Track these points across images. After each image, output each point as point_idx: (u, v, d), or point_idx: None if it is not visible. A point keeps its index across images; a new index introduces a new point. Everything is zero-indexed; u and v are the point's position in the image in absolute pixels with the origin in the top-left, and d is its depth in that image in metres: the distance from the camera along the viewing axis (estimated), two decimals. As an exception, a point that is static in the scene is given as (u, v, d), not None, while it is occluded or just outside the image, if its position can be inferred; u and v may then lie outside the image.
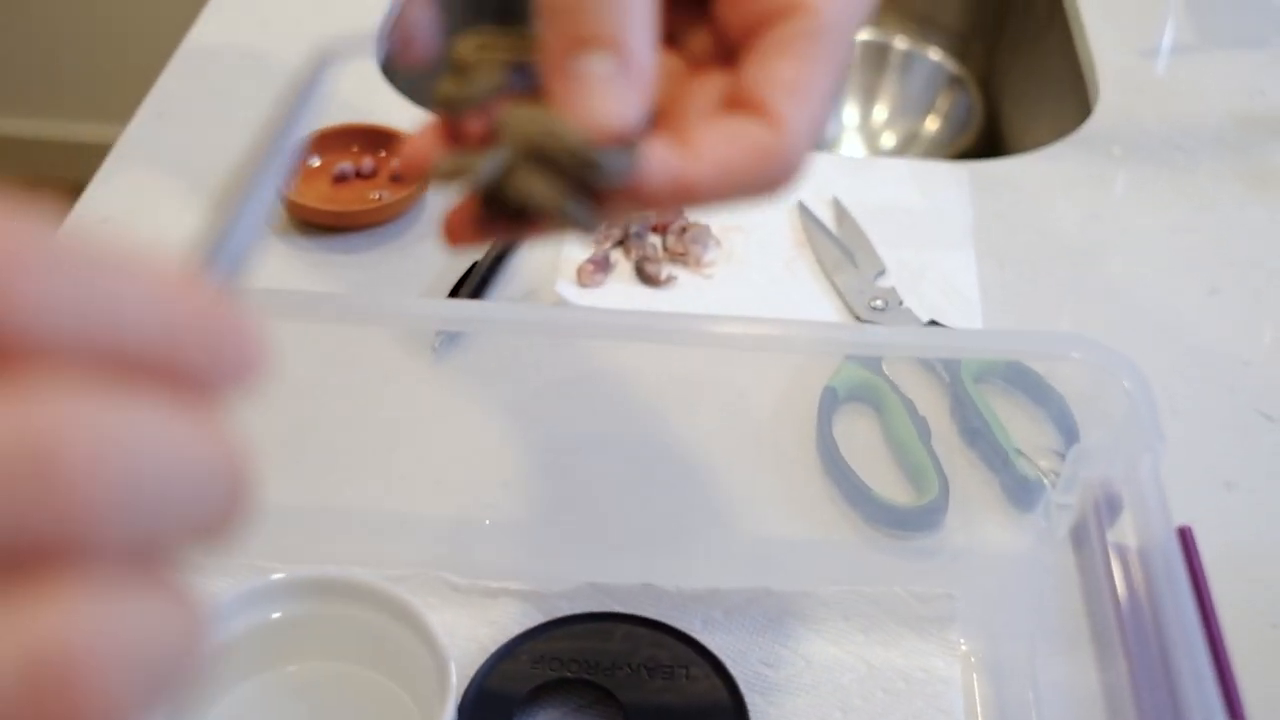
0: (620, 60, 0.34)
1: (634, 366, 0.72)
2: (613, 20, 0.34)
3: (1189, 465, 0.70)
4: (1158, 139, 0.95)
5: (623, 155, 0.34)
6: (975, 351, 0.60)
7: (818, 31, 0.37)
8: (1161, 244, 0.86)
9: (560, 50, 0.34)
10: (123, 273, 0.21)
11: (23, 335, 0.19)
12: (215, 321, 0.22)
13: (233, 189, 0.27)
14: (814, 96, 0.36)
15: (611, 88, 0.34)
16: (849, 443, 0.70)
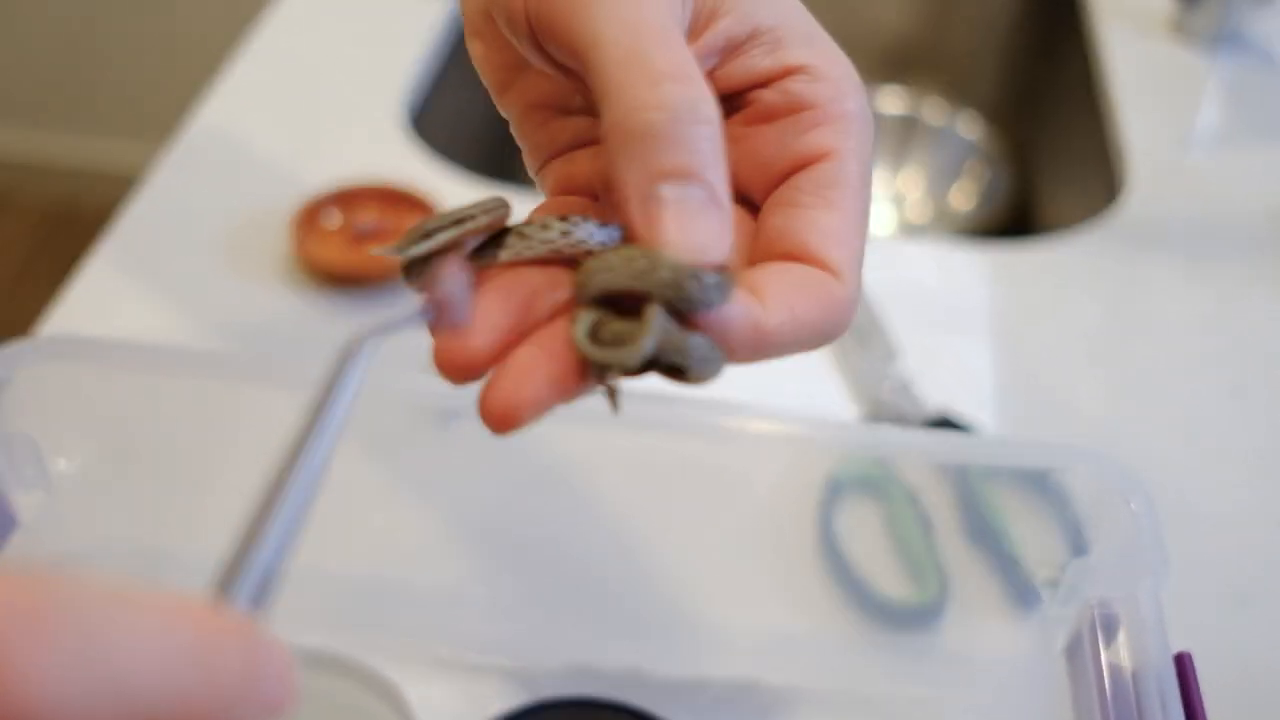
0: (708, 189, 0.33)
1: (636, 447, 0.71)
2: (699, 152, 0.33)
3: (1202, 576, 0.69)
4: (1186, 230, 0.94)
5: (723, 289, 0.33)
6: (976, 458, 0.59)
7: (851, 176, 0.37)
8: (1184, 340, 0.84)
9: (646, 181, 0.33)
10: (133, 632, 0.21)
11: (27, 704, 0.20)
12: (229, 665, 0.23)
13: (264, 501, 0.27)
14: (859, 241, 0.36)
15: (706, 215, 0.33)
16: (850, 534, 0.69)
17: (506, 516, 0.69)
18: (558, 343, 0.33)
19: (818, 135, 0.37)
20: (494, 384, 0.33)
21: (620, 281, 0.33)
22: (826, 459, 0.71)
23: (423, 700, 0.59)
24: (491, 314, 0.34)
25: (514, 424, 0.32)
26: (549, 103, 0.41)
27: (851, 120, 0.37)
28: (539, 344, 0.33)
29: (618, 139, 0.33)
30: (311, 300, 0.82)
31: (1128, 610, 0.49)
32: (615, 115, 0.33)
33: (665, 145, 0.32)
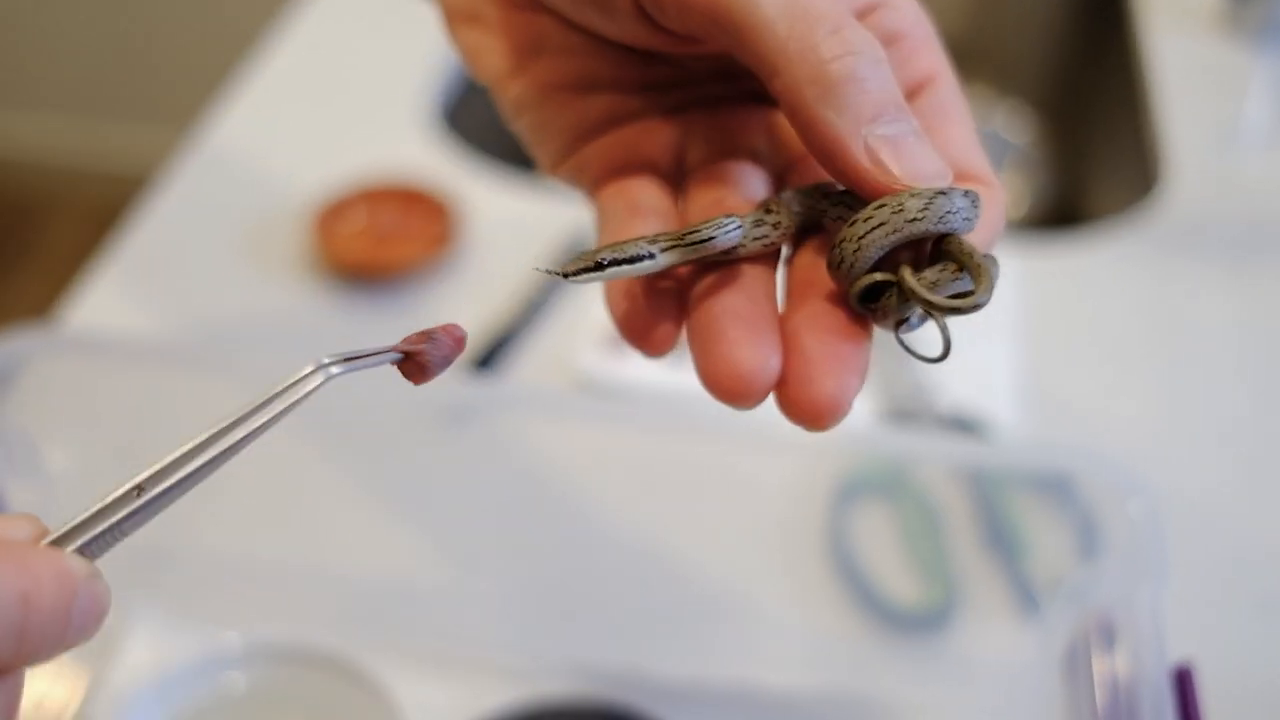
0: (912, 119, 0.33)
1: (648, 444, 0.71)
2: (894, 87, 0.33)
3: (1226, 580, 0.67)
4: (1222, 230, 0.92)
5: (971, 203, 0.33)
6: (978, 462, 0.57)
7: (958, 91, 0.38)
8: (1217, 342, 0.82)
9: (860, 126, 0.32)
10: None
11: None
12: (43, 589, 0.27)
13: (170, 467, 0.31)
14: (980, 143, 0.37)
15: (922, 144, 0.33)
16: (861, 535, 0.68)
17: (508, 516, 0.69)
18: (840, 321, 0.32)
19: (920, 61, 0.37)
20: (804, 382, 0.31)
21: (903, 232, 0.32)
22: (838, 461, 0.70)
23: (420, 699, 0.59)
24: (746, 328, 0.32)
25: (840, 414, 0.31)
26: (570, 82, 0.39)
27: (935, 38, 0.38)
28: (819, 329, 0.32)
29: (817, 94, 0.32)
30: (332, 297, 0.82)
31: (1126, 618, 0.48)
32: (806, 70, 0.32)
33: (868, 87, 0.32)
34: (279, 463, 0.70)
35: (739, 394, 0.31)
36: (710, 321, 0.32)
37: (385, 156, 0.93)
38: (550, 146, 0.40)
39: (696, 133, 0.39)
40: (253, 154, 0.95)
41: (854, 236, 0.32)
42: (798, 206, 0.35)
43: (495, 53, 0.40)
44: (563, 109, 0.39)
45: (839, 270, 0.32)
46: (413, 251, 0.83)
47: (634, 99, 0.39)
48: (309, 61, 1.06)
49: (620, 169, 0.39)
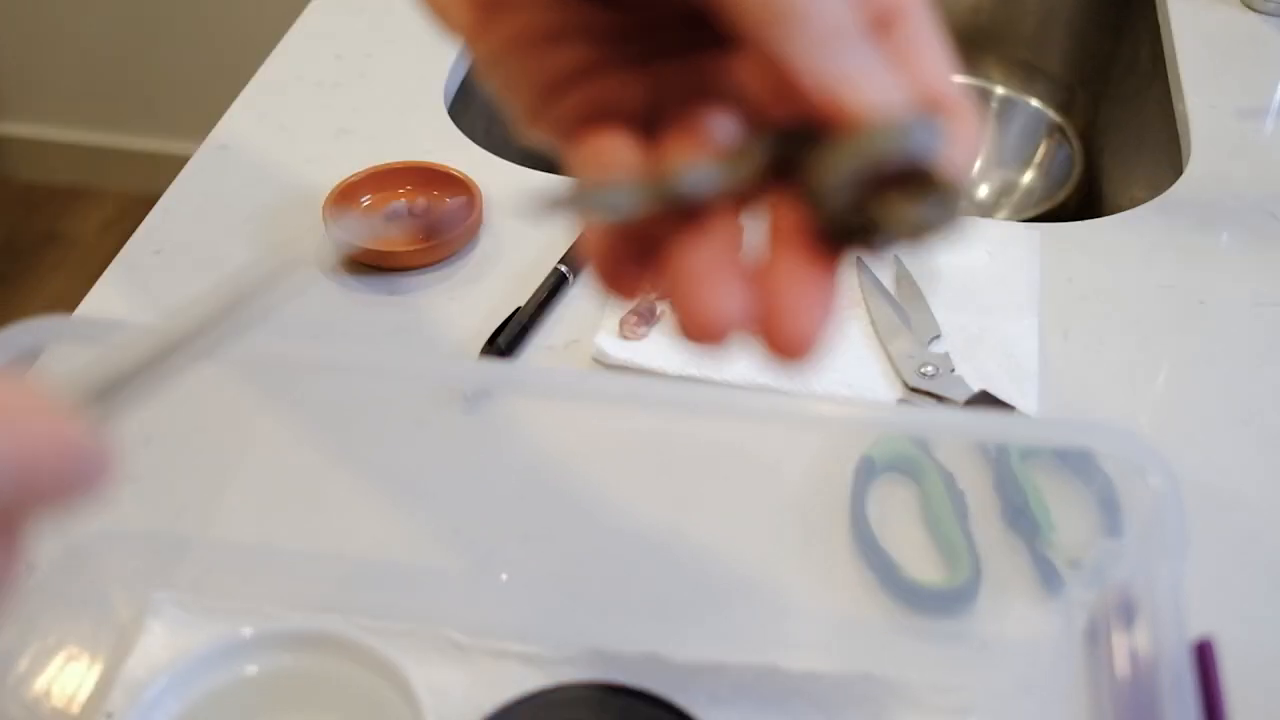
0: (871, 46, 0.33)
1: (665, 426, 0.70)
2: (847, 15, 0.33)
3: (1249, 557, 0.66)
4: (1248, 206, 0.91)
5: (933, 130, 0.33)
6: (999, 437, 0.57)
7: (930, 20, 0.37)
8: (1241, 318, 0.81)
9: (813, 58, 0.32)
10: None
11: None
12: (37, 433, 0.28)
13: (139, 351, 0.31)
14: (953, 74, 0.37)
15: (884, 71, 0.33)
16: (883, 515, 0.68)
17: (525, 500, 0.69)
18: (810, 254, 0.33)
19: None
20: (778, 317, 0.33)
21: (873, 161, 0.32)
22: (859, 440, 0.69)
23: (436, 685, 0.58)
24: (714, 272, 0.33)
25: (814, 346, 0.33)
26: (538, 33, 0.39)
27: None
28: (790, 263, 0.33)
29: (770, 24, 0.32)
30: (345, 282, 0.82)
31: (1145, 594, 0.47)
32: (761, 4, 0.32)
33: (825, 16, 0.32)
34: (292, 449, 0.71)
35: (709, 336, 0.33)
36: (680, 267, 0.34)
37: (400, 143, 0.93)
38: (523, 101, 0.40)
39: (669, 80, 0.38)
40: (267, 146, 0.95)
41: (824, 166, 0.32)
42: (767, 148, 0.34)
43: (461, 6, 0.39)
44: (533, 62, 0.39)
45: (810, 198, 0.33)
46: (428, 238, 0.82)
47: (604, 48, 0.38)
48: (322, 55, 1.06)
49: (594, 119, 0.38)
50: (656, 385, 0.65)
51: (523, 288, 0.80)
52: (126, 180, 2.57)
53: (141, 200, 0.96)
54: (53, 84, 2.53)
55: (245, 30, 2.27)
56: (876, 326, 0.79)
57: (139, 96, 2.53)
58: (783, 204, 0.34)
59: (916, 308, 0.80)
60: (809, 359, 0.33)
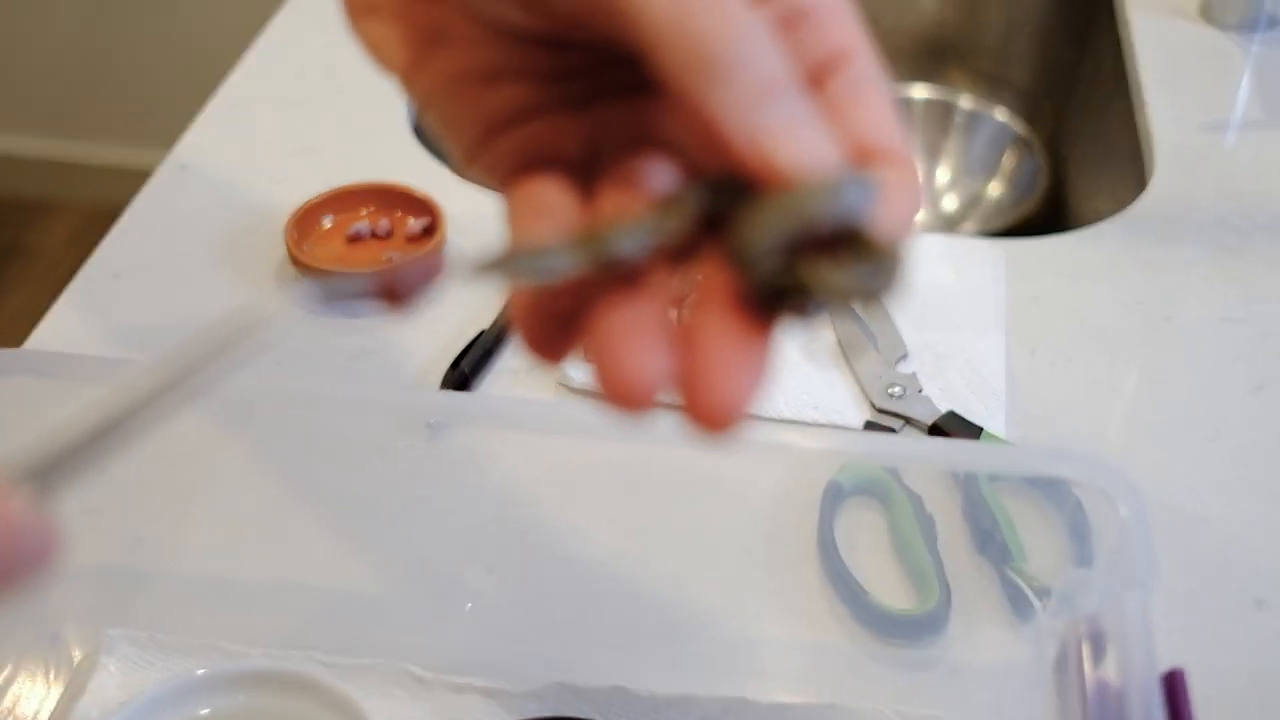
0: (800, 96, 0.32)
1: (630, 453, 0.70)
2: (779, 63, 0.31)
3: (1219, 578, 0.66)
4: (1212, 220, 0.91)
5: (866, 190, 0.31)
6: (968, 465, 0.56)
7: (876, 65, 0.36)
8: (1207, 334, 0.81)
9: (745, 107, 0.31)
10: None
11: None
12: None
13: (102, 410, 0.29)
14: (897, 120, 0.35)
15: (812, 124, 0.31)
16: (851, 541, 0.67)
17: (490, 528, 0.68)
18: (739, 319, 0.31)
19: (832, 36, 0.35)
20: (701, 387, 0.31)
21: (803, 223, 0.30)
22: (827, 464, 0.69)
23: (399, 720, 0.58)
24: (637, 335, 0.32)
25: (738, 417, 0.31)
26: (475, 72, 0.38)
27: (850, 13, 0.36)
28: (717, 329, 0.31)
29: (698, 76, 0.31)
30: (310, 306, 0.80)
31: (1115, 623, 0.47)
32: (687, 52, 0.31)
33: (755, 67, 0.31)
34: (251, 480, 0.69)
35: (630, 402, 0.32)
36: (603, 329, 0.32)
37: (364, 163, 0.92)
38: (461, 141, 0.39)
39: (608, 122, 0.37)
40: (229, 166, 0.94)
41: (750, 227, 0.31)
42: (700, 199, 0.33)
43: (396, 44, 0.38)
44: (470, 102, 0.38)
45: (739, 263, 0.31)
46: (390, 253, 0.81)
47: (543, 89, 0.37)
48: (285, 73, 1.05)
49: (530, 164, 0.37)
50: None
51: (486, 310, 0.79)
52: (90, 193, 2.55)
53: (106, 213, 0.95)
54: (14, 95, 2.51)
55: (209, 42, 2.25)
56: (843, 346, 0.78)
57: (102, 108, 2.51)
58: (714, 263, 0.33)
59: (883, 327, 0.80)
60: (731, 429, 0.31)
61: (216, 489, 0.68)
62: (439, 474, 0.70)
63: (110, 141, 2.55)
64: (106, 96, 2.49)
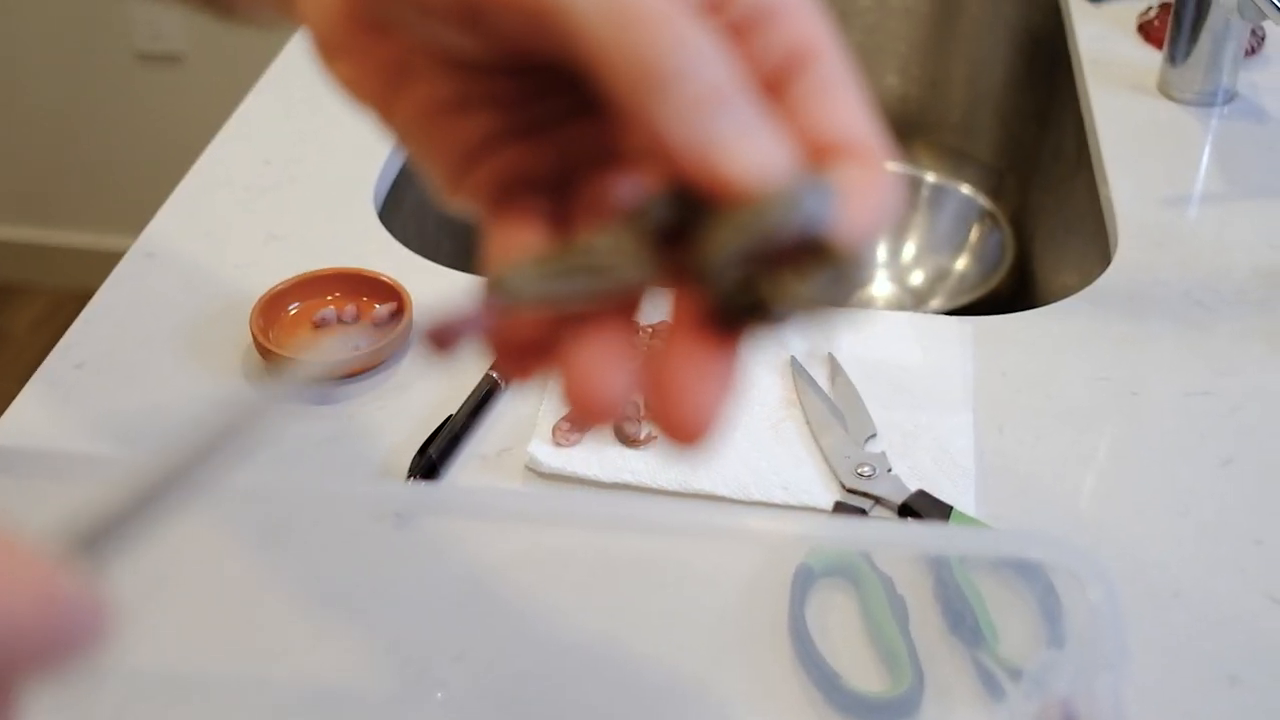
0: (751, 103, 0.31)
1: (600, 538, 0.69)
2: (726, 72, 0.31)
3: (1192, 655, 0.66)
4: (1176, 294, 0.92)
5: (824, 196, 0.31)
6: (938, 548, 0.56)
7: (842, 61, 0.35)
8: (1174, 409, 0.81)
9: (691, 119, 0.30)
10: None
11: None
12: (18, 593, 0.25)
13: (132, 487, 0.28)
14: (869, 114, 0.35)
15: (762, 130, 0.31)
16: (823, 623, 0.66)
17: (461, 615, 0.67)
18: (705, 334, 0.32)
19: (795, 34, 0.35)
20: (670, 401, 0.32)
21: (764, 237, 0.30)
22: (795, 549, 0.68)
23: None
24: (603, 349, 0.33)
25: (708, 429, 0.32)
26: (444, 104, 0.38)
27: (814, 10, 0.35)
28: (683, 343, 0.32)
29: (642, 92, 0.30)
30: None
31: (1087, 706, 0.46)
32: (629, 69, 0.30)
33: (700, 78, 0.30)
34: (215, 569, 0.69)
35: (593, 413, 0.33)
36: (571, 348, 0.33)
37: (330, 249, 0.92)
38: (439, 173, 0.39)
39: (578, 141, 0.38)
40: (195, 253, 0.94)
41: (712, 246, 0.31)
42: (661, 214, 0.33)
43: (368, 81, 0.38)
44: (444, 133, 0.38)
45: (701, 280, 0.31)
46: (357, 340, 0.81)
47: (513, 114, 0.38)
48: (249, 159, 1.05)
49: (507, 191, 0.38)
50: (588, 502, 0.64)
51: (454, 393, 0.79)
52: (58, 277, 2.54)
53: (74, 297, 0.94)
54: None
55: (176, 128, 2.27)
56: (812, 426, 0.78)
57: (70, 192, 2.51)
58: (680, 277, 0.33)
59: (852, 406, 0.80)
60: (703, 444, 0.32)
61: (179, 579, 0.68)
62: (407, 562, 0.69)
63: (78, 226, 2.55)
64: (74, 182, 2.49)
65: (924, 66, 1.51)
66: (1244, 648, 0.67)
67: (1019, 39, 1.43)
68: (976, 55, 1.48)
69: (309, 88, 1.10)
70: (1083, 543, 0.70)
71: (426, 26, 0.34)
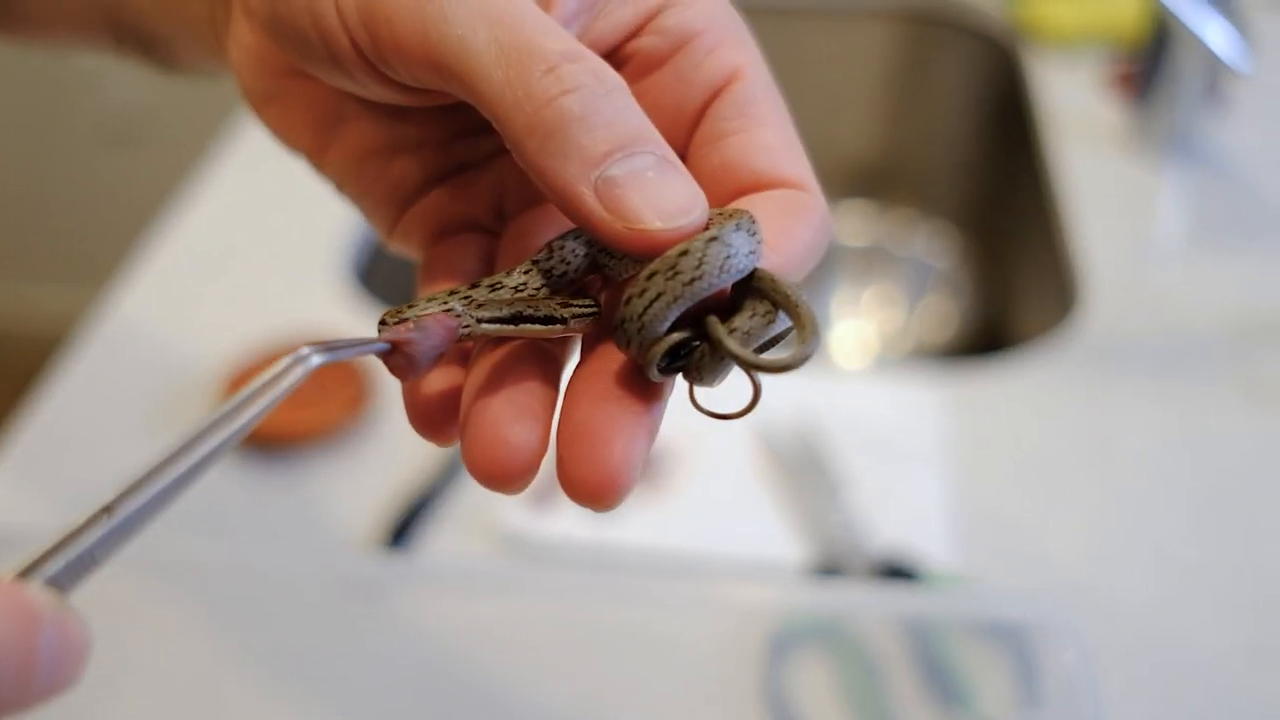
0: (655, 150, 0.30)
1: (571, 610, 0.68)
2: (627, 118, 0.30)
3: (1168, 705, 0.65)
4: (1143, 344, 0.92)
5: (745, 235, 0.29)
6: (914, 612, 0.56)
7: (768, 87, 0.34)
8: (1146, 463, 0.81)
9: (588, 170, 0.29)
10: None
11: None
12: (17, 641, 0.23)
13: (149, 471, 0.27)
14: (801, 149, 0.34)
15: (668, 176, 0.30)
16: (799, 689, 0.66)
17: (432, 688, 0.66)
18: (619, 389, 0.30)
19: (717, 59, 0.34)
20: (577, 459, 0.29)
21: (686, 296, 0.28)
22: (771, 616, 0.68)
23: None
24: (509, 406, 0.30)
25: (617, 492, 0.29)
26: (379, 147, 0.38)
27: (739, 32, 0.35)
28: (596, 399, 0.30)
29: (537, 142, 0.29)
30: (243, 468, 0.79)
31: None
32: (523, 118, 0.29)
33: (591, 124, 0.29)
34: (181, 646, 0.67)
35: (497, 477, 0.30)
36: (475, 403, 0.31)
37: (297, 319, 0.92)
38: (378, 217, 0.38)
39: (509, 179, 0.37)
40: (160, 323, 0.93)
41: (634, 315, 0.29)
42: (580, 252, 0.32)
43: (298, 127, 0.38)
44: (378, 176, 0.38)
45: (628, 349, 0.29)
46: (325, 416, 0.80)
47: (445, 154, 0.38)
48: (216, 226, 1.05)
49: (443, 230, 0.37)
50: (562, 575, 0.63)
51: (421, 457, 0.79)
52: (9, 348, 2.52)
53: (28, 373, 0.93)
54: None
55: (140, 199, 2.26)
56: (784, 486, 0.78)
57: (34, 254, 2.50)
58: (597, 326, 0.32)
59: (823, 466, 0.79)
60: (610, 504, 0.29)
61: (145, 656, 0.66)
62: (378, 633, 0.68)
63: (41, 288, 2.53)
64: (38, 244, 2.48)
65: (887, 125, 1.52)
66: (1220, 696, 0.66)
67: (981, 95, 1.44)
68: (940, 112, 1.49)
69: (272, 153, 1.09)
70: (1057, 596, 0.70)
71: (340, 75, 0.34)
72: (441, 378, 0.33)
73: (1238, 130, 1.15)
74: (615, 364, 0.30)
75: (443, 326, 0.30)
